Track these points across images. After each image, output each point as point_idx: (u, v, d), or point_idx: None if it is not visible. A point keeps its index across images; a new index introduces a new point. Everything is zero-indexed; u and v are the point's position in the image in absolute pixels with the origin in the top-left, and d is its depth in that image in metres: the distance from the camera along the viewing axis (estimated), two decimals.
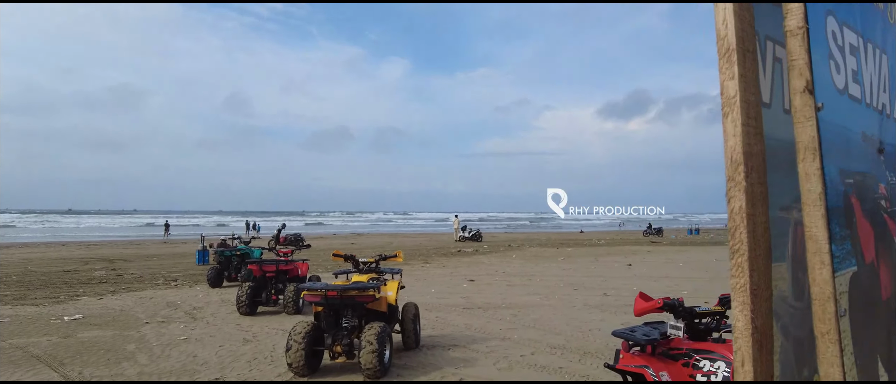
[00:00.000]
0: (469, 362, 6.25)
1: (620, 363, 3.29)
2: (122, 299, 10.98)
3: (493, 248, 27.94)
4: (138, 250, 26.21)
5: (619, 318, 8.95)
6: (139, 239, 38.62)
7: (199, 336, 7.64)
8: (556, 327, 8.24)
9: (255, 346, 7.03)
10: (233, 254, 13.23)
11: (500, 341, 7.31)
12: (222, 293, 11.89)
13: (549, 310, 9.64)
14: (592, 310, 9.71)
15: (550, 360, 6.36)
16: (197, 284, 13.44)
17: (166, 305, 10.26)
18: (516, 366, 6.12)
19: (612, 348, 7.23)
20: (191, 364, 6.22)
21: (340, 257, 6.77)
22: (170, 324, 8.43)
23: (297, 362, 5.49)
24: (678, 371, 3.06)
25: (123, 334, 7.72)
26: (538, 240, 37.55)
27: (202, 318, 8.98)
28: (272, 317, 9.04)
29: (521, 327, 8.23)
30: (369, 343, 5.45)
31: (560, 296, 11.38)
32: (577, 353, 6.67)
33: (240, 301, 9.07)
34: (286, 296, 9.14)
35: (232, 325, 8.39)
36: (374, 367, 5.43)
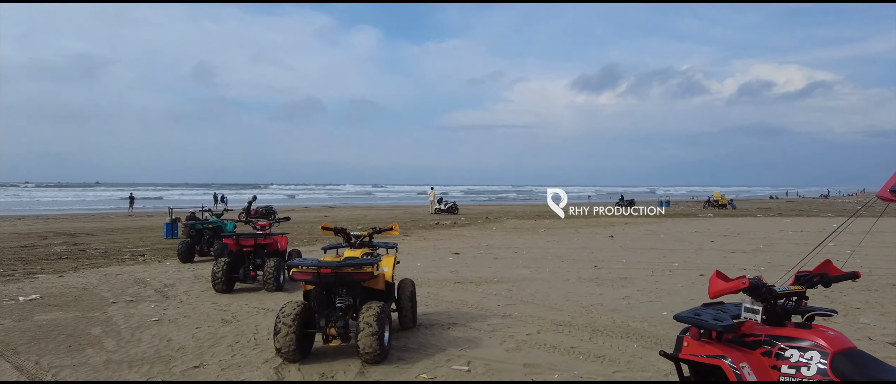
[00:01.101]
0: (473, 342, 5.78)
1: (685, 351, 2.82)
2: (85, 276, 10.19)
3: (470, 221, 27.57)
4: (102, 224, 25.00)
5: (616, 292, 8.62)
6: (103, 212, 37.08)
7: (173, 316, 7.00)
8: (555, 302, 7.84)
9: (235, 328, 6.43)
10: (205, 227, 12.47)
11: (501, 318, 6.86)
12: (195, 268, 11.18)
13: (543, 284, 9.25)
14: (587, 284, 9.35)
15: (559, 339, 5.94)
16: (166, 259, 12.66)
17: (134, 282, 9.53)
18: (524, 346, 5.68)
19: (619, 324, 6.86)
20: (165, 349, 5.60)
21: (330, 231, 6.19)
22: (139, 304, 7.74)
23: (287, 347, 4.94)
24: (757, 361, 2.61)
25: (87, 316, 7.01)
26: (514, 212, 37.36)
27: (174, 297, 8.30)
28: (251, 295, 8.42)
29: (519, 302, 7.80)
30: (368, 325, 4.92)
31: (550, 269, 11.02)
32: (585, 331, 6.27)
33: (216, 277, 8.42)
34: (266, 272, 8.52)
35: (208, 304, 7.75)
36: (374, 351, 4.91)
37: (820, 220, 27.33)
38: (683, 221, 27.37)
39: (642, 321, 6.76)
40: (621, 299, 8.08)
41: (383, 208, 45.71)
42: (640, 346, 5.72)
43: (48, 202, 53.30)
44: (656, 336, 6.09)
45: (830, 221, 26.44)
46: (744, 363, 2.58)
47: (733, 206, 45.05)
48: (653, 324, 6.59)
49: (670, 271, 10.78)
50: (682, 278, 9.92)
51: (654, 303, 7.85)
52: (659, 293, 8.55)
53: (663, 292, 8.61)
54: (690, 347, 2.80)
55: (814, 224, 24.45)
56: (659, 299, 8.09)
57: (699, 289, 8.80)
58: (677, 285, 9.24)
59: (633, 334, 6.16)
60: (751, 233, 19.93)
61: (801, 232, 20.30)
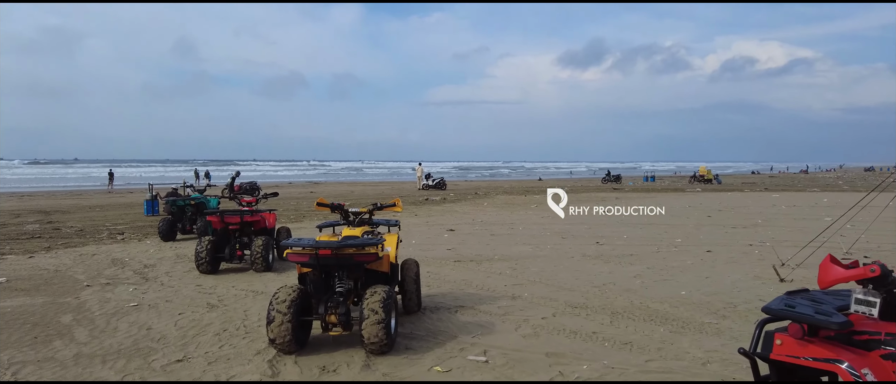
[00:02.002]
0: (485, 328, 5.29)
1: (780, 351, 2.30)
2: (58, 257, 9.51)
3: (460, 196, 27.07)
4: (79, 201, 24.05)
5: (625, 270, 8.19)
6: (80, 189, 35.91)
7: (153, 301, 6.40)
8: (564, 282, 7.39)
9: (222, 314, 5.86)
10: (187, 203, 11.79)
11: (511, 300, 6.38)
12: (177, 247, 10.54)
13: (548, 262, 8.79)
14: (593, 261, 8.91)
15: (578, 323, 5.47)
16: (147, 238, 11.98)
17: (111, 263, 8.88)
18: (541, 331, 5.20)
19: (638, 306, 6.22)
20: (144, 339, 5.02)
21: (326, 207, 5.61)
22: (116, 287, 7.12)
23: (282, 337, 4.40)
24: (879, 366, 2.11)
25: (58, 301, 6.39)
26: (502, 188, 36.91)
27: (155, 278, 7.69)
28: (238, 276, 7.84)
29: (527, 282, 7.33)
30: (373, 311, 4.39)
31: (552, 246, 10.57)
32: (603, 314, 5.81)
33: (199, 257, 7.81)
34: (254, 251, 7.93)
35: (191, 287, 7.16)
36: (380, 341, 4.39)
37: (808, 195, 27.27)
38: (674, 196, 27.15)
39: (661, 302, 6.33)
40: (633, 278, 7.65)
41: (369, 184, 45.01)
42: (667, 331, 5.28)
43: (21, 179, 51.69)
44: (680, 318, 5.65)
45: (818, 196, 26.41)
46: (866, 368, 2.09)
47: (719, 181, 45.09)
48: (673, 306, 6.16)
49: (675, 247, 10.38)
50: (689, 255, 9.53)
51: (668, 282, 7.43)
52: (670, 271, 8.13)
53: (674, 270, 8.20)
54: (787, 347, 2.28)
55: (802, 199, 24.33)
56: (672, 278, 7.67)
57: (710, 267, 8.42)
58: (687, 262, 8.83)
59: (655, 317, 5.72)
60: (744, 208, 19.69)
61: (794, 207, 20.11)
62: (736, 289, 6.93)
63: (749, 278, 7.63)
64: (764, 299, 6.39)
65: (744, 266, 8.49)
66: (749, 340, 2.45)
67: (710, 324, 5.46)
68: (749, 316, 5.74)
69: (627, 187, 37.94)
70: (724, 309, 6.04)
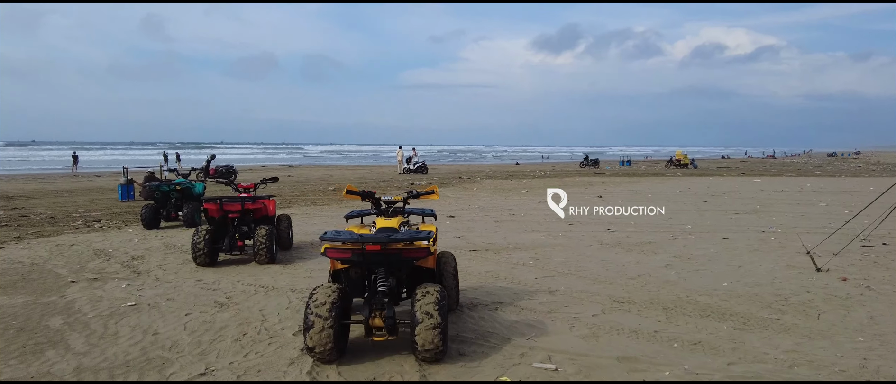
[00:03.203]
0: (536, 328, 4.80)
1: None
2: (32, 248, 8.64)
3: (445, 181, 26.49)
4: (43, 185, 22.67)
5: (651, 259, 7.81)
6: (42, 172, 34.10)
7: (152, 299, 5.71)
8: (594, 273, 6.94)
9: (235, 314, 5.22)
10: (171, 188, 10.95)
11: (549, 295, 5.90)
12: (163, 236, 9.74)
13: (568, 251, 8.33)
14: (613, 250, 8.50)
15: (633, 321, 5.02)
16: (127, 225, 11.12)
17: (94, 254, 8.08)
18: (599, 331, 4.73)
19: (686, 300, 5.68)
20: (152, 347, 4.37)
21: (356, 195, 5.01)
22: (106, 283, 6.38)
23: (323, 346, 3.81)
24: None
25: (41, 301, 5.64)
26: (484, 172, 36.46)
27: (148, 272, 6.96)
28: (240, 269, 7.17)
29: (557, 274, 6.86)
30: (428, 315, 3.84)
31: (563, 233, 10.13)
32: (654, 309, 5.37)
33: (197, 248, 7.10)
34: (257, 241, 7.25)
35: (191, 282, 6.47)
36: (436, 347, 3.85)
37: (787, 180, 27.59)
38: (658, 181, 27.09)
39: (706, 294, 5.93)
40: (664, 268, 7.25)
41: (347, 168, 44.05)
42: (731, 328, 4.87)
43: None
44: (737, 313, 5.26)
45: (799, 181, 26.72)
46: None
47: (695, 166, 45.56)
48: (722, 299, 5.77)
49: (690, 234, 10.06)
50: (707, 242, 9.20)
51: (702, 272, 7.05)
52: (698, 260, 7.77)
53: (701, 259, 7.84)
54: None
55: (785, 184, 24.52)
56: (704, 267, 7.30)
57: (736, 255, 8.09)
58: (709, 250, 8.49)
59: (710, 312, 5.31)
60: (734, 193, 19.64)
61: (783, 192, 20.16)
62: (776, 280, 6.59)
63: (782, 267, 7.31)
64: (811, 291, 6.06)
65: (768, 254, 8.18)
66: (821, 338, 1.98)
67: (772, 320, 5.07)
68: (808, 310, 5.38)
69: (607, 172, 37.94)
70: (776, 302, 5.67)
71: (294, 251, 8.42)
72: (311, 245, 8.92)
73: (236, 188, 8.21)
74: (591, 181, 26.54)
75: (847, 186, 22.79)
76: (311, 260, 7.76)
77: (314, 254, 8.22)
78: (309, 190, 20.59)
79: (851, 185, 23.32)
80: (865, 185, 23.31)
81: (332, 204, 15.81)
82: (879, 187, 22.57)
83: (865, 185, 23.86)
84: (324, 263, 7.50)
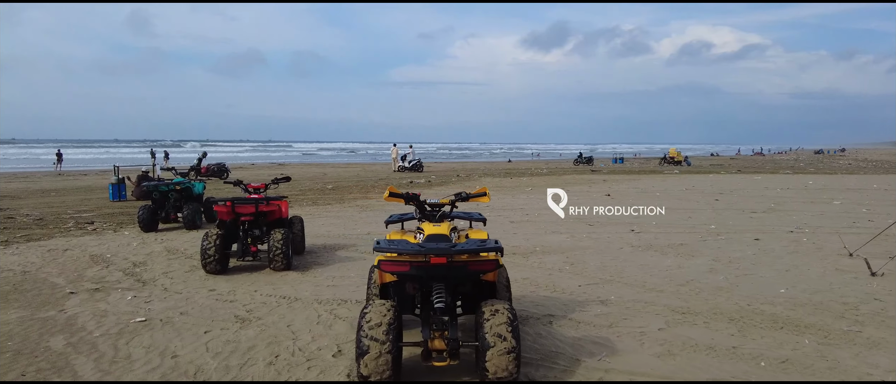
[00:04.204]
0: (603, 346, 4.30)
1: None
2: (22, 253, 7.98)
3: (444, 179, 25.96)
4: (28, 184, 21.78)
5: (691, 263, 7.35)
6: (25, 171, 33.02)
7: (164, 313, 5.12)
8: (638, 278, 6.47)
9: (260, 331, 4.66)
10: (171, 188, 10.30)
11: (601, 305, 5.40)
12: (163, 239, 9.11)
13: (601, 255, 7.84)
14: (648, 253, 8.04)
15: (705, 336, 4.54)
16: (122, 227, 10.46)
17: (91, 261, 7.45)
18: (674, 348, 4.24)
19: (750, 309, 5.15)
20: (174, 374, 3.80)
21: (399, 197, 4.47)
22: (109, 294, 5.78)
23: (381, 373, 3.28)
24: None
25: (39, 316, 5.03)
26: (481, 170, 35.98)
27: (153, 281, 6.36)
28: (256, 277, 6.59)
29: (600, 281, 6.37)
30: (500, 338, 3.32)
31: (586, 235, 9.66)
32: (721, 321, 4.90)
33: (206, 255, 6.51)
34: (272, 246, 6.67)
35: (204, 293, 5.89)
36: (510, 374, 3.33)
37: (790, 178, 27.44)
38: (659, 178, 26.79)
39: (768, 303, 5.48)
40: (709, 273, 6.80)
41: (340, 166, 43.32)
42: (814, 342, 4.41)
43: None
44: (812, 325, 4.80)
45: (801, 178, 26.57)
46: None
47: (688, 163, 45.45)
48: (787, 308, 5.32)
49: (718, 235, 9.63)
50: (739, 244, 8.77)
51: (751, 277, 6.61)
52: (739, 263, 7.33)
53: (743, 262, 7.40)
54: None
55: (787, 181, 24.32)
56: (752, 272, 6.86)
57: (777, 258, 7.67)
58: (747, 252, 8.06)
59: (781, 323, 4.86)
60: (741, 191, 19.32)
61: (788, 189, 19.90)
62: (834, 286, 6.15)
63: (832, 271, 6.89)
64: (879, 298, 5.63)
65: (808, 257, 7.77)
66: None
67: (855, 333, 4.62)
68: (886, 321, 4.94)
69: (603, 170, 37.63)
70: (846, 311, 5.23)
71: (308, 255, 7.85)
72: (323, 248, 8.36)
73: (246, 188, 7.62)
74: (592, 179, 26.15)
75: (850, 184, 22.60)
76: (330, 265, 7.20)
77: (329, 258, 7.67)
78: (307, 189, 19.94)
79: (854, 183, 23.15)
80: (868, 183, 23.18)
81: (333, 203, 15.21)
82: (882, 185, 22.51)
83: (867, 182, 23.74)
84: (344, 270, 6.96)
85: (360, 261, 7.51)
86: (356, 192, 18.68)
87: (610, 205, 14.32)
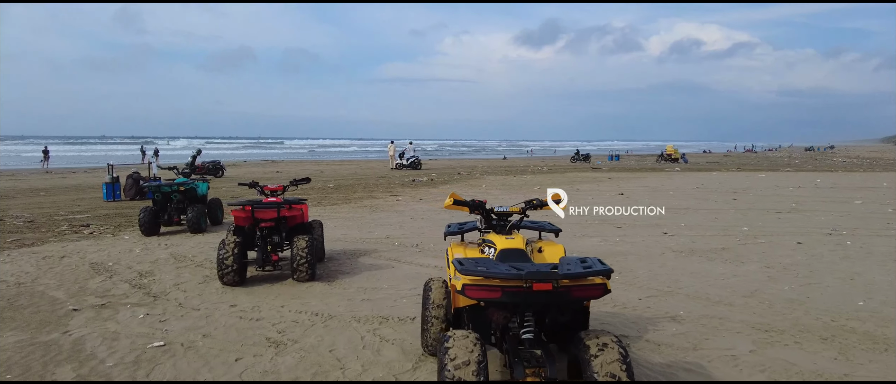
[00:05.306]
0: (699, 373, 3.75)
1: None
2: (15, 261, 7.30)
3: (446, 177, 25.35)
4: (15, 182, 20.90)
5: (744, 270, 6.85)
6: (11, 168, 31.98)
7: (185, 337, 4.49)
8: (698, 289, 5.94)
9: (301, 358, 4.05)
10: (174, 189, 9.63)
11: (674, 323, 4.85)
12: (168, 245, 8.45)
13: (647, 263, 7.29)
14: (692, 259, 7.52)
15: (806, 360, 4.00)
16: (121, 231, 9.77)
17: (92, 270, 6.79)
18: (783, 379, 3.70)
19: (837, 326, 4.68)
20: None
21: (464, 205, 3.90)
22: (118, 312, 5.14)
23: None
24: None
25: (40, 340, 4.39)
26: (479, 167, 35.43)
27: (165, 295, 5.72)
28: (278, 289, 5.97)
29: (660, 294, 5.82)
30: (613, 377, 2.75)
31: (619, 239, 9.13)
32: (813, 341, 4.37)
33: (224, 265, 5.87)
34: (296, 255, 6.04)
35: (224, 308, 5.26)
36: None
37: (795, 176, 27.17)
38: (664, 176, 26.38)
39: (854, 318, 4.96)
40: (768, 282, 6.28)
41: (335, 163, 42.60)
42: None
43: None
44: None
45: (808, 177, 26.29)
46: None
47: (685, 161, 45.23)
48: (879, 324, 4.81)
49: (755, 238, 9.13)
50: (782, 248, 8.28)
51: (815, 286, 6.10)
52: (794, 270, 6.83)
53: (796, 269, 6.90)
54: None
55: (794, 179, 24.02)
56: (811, 280, 6.35)
57: (826, 263, 7.19)
58: (795, 258, 7.56)
59: (885, 344, 4.34)
60: (753, 189, 18.92)
61: (800, 188, 19.54)
62: None
63: None
64: None
65: (865, 263, 7.28)
66: None
67: None
68: None
69: (604, 167, 37.22)
70: None
71: (329, 263, 7.25)
72: (342, 254, 7.76)
73: (262, 190, 6.99)
74: (598, 177, 25.69)
75: (858, 182, 22.31)
76: (357, 274, 6.60)
77: (353, 266, 7.06)
78: (308, 188, 19.24)
79: (861, 181, 22.87)
80: (876, 181, 22.90)
81: (340, 203, 14.58)
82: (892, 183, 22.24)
83: (875, 180, 23.46)
84: (374, 280, 6.36)
85: (386, 268, 6.93)
86: (360, 191, 18.05)
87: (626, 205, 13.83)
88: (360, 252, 7.95)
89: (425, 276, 6.57)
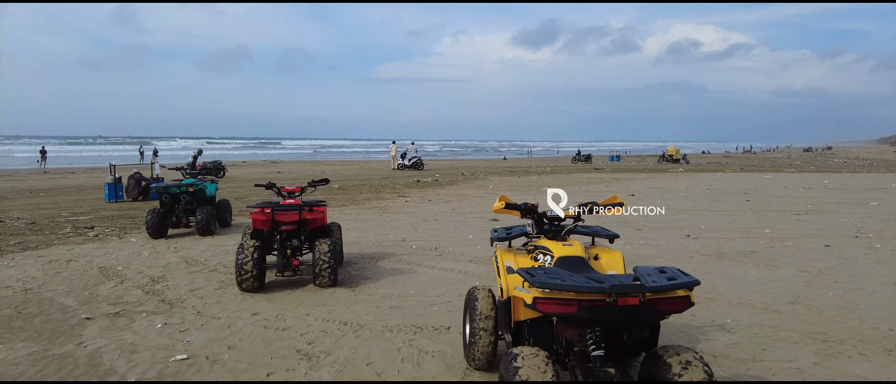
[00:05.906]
0: None
1: None
2: (20, 265, 6.99)
3: (450, 178, 25.07)
4: (13, 183, 20.54)
5: (780, 275, 6.60)
6: (8, 169, 31.57)
7: (209, 349, 4.21)
8: (738, 295, 5.69)
9: (338, 373, 3.77)
10: (183, 190, 9.33)
11: (724, 332, 4.60)
12: (178, 248, 8.15)
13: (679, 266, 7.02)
14: (723, 262, 7.28)
15: (874, 374, 3.74)
16: (127, 233, 9.47)
17: (101, 274, 6.49)
18: None
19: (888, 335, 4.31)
20: None
21: (515, 210, 3.62)
22: (133, 321, 4.85)
23: None
24: None
25: (53, 353, 4.10)
26: (482, 167, 35.18)
27: (181, 302, 5.43)
28: (299, 295, 5.68)
29: (701, 300, 5.46)
30: None
31: (644, 241, 8.90)
32: (878, 352, 4.13)
33: (243, 270, 5.58)
34: (319, 260, 5.76)
35: (246, 317, 4.98)
36: None
37: (803, 176, 26.99)
38: (670, 177, 26.17)
39: None
40: (809, 287, 6.03)
41: (337, 163, 42.27)
42: None
43: None
44: None
45: (815, 177, 26.11)
46: None
47: (687, 161, 45.07)
48: None
49: (780, 241, 8.89)
50: (812, 251, 8.04)
51: (861, 291, 5.86)
52: (832, 275, 6.58)
53: (836, 273, 6.66)
54: None
55: (803, 180, 23.83)
56: (858, 286, 6.10)
57: (862, 267, 6.96)
58: (829, 262, 7.32)
59: None
60: (764, 190, 18.70)
61: (810, 189, 19.34)
62: None
63: None
64: None
65: None
66: None
67: None
68: None
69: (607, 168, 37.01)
70: None
71: (348, 267, 6.97)
72: (361, 258, 7.48)
73: (279, 192, 6.71)
74: (604, 178, 25.46)
75: (866, 183, 22.12)
76: (380, 279, 6.31)
77: (374, 270, 6.78)
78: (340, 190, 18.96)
79: (870, 182, 22.69)
80: (884, 182, 22.70)
81: (348, 205, 14.29)
82: None
83: (883, 181, 23.27)
84: (398, 285, 6.07)
85: (409, 273, 6.65)
86: (366, 192, 17.76)
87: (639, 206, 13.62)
88: (378, 255, 7.67)
89: (451, 281, 6.33)
